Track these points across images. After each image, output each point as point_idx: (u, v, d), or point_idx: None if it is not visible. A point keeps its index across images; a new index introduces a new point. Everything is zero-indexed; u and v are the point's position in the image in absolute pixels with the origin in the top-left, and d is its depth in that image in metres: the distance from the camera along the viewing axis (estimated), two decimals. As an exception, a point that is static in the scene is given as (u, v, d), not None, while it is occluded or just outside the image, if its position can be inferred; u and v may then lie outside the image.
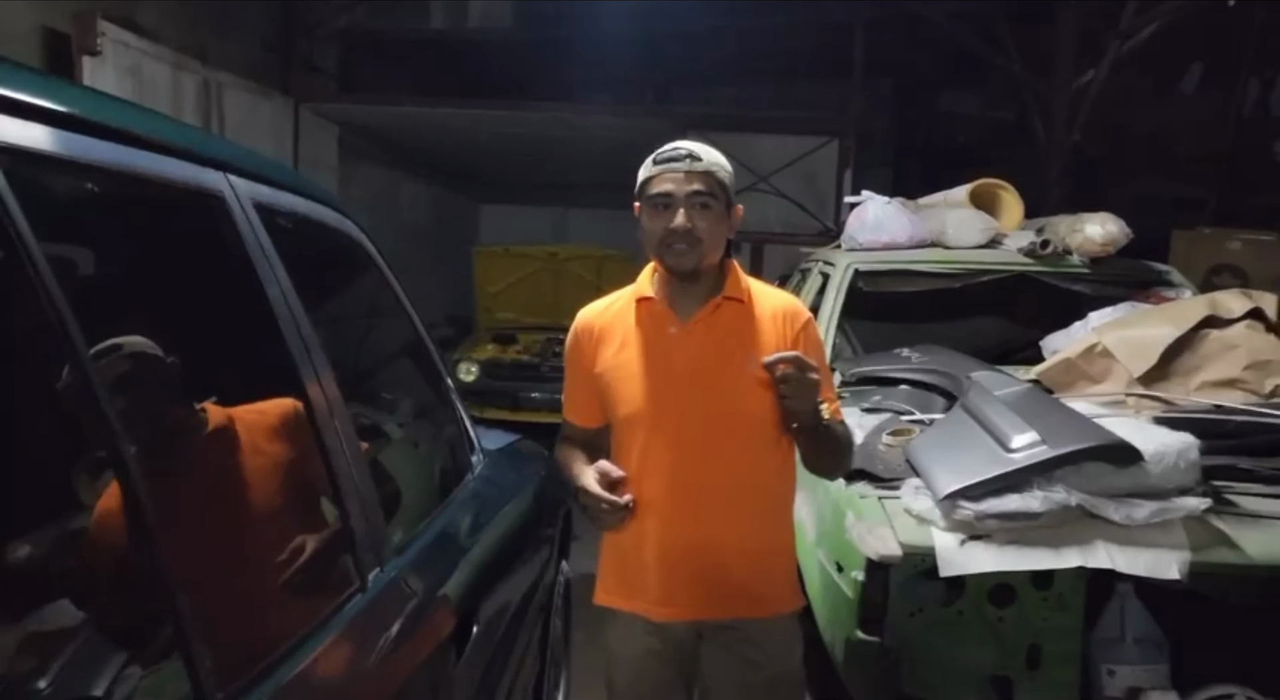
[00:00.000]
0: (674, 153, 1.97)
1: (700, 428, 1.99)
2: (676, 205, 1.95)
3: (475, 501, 2.29)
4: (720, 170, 1.98)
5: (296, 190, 1.78)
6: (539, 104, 8.69)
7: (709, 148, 2.02)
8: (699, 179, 1.95)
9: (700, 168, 1.95)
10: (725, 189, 1.99)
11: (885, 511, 2.56)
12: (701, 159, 1.96)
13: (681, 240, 1.95)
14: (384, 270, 2.13)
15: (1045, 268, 4.11)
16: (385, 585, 1.53)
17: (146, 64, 6.03)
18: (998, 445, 2.55)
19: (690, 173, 1.95)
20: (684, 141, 2.02)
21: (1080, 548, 2.39)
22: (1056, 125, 8.74)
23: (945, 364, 3.39)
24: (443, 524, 1.97)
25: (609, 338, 2.08)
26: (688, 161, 1.95)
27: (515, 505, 2.57)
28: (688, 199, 1.94)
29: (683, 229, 1.94)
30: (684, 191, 1.94)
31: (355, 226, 2.07)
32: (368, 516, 1.54)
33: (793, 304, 2.11)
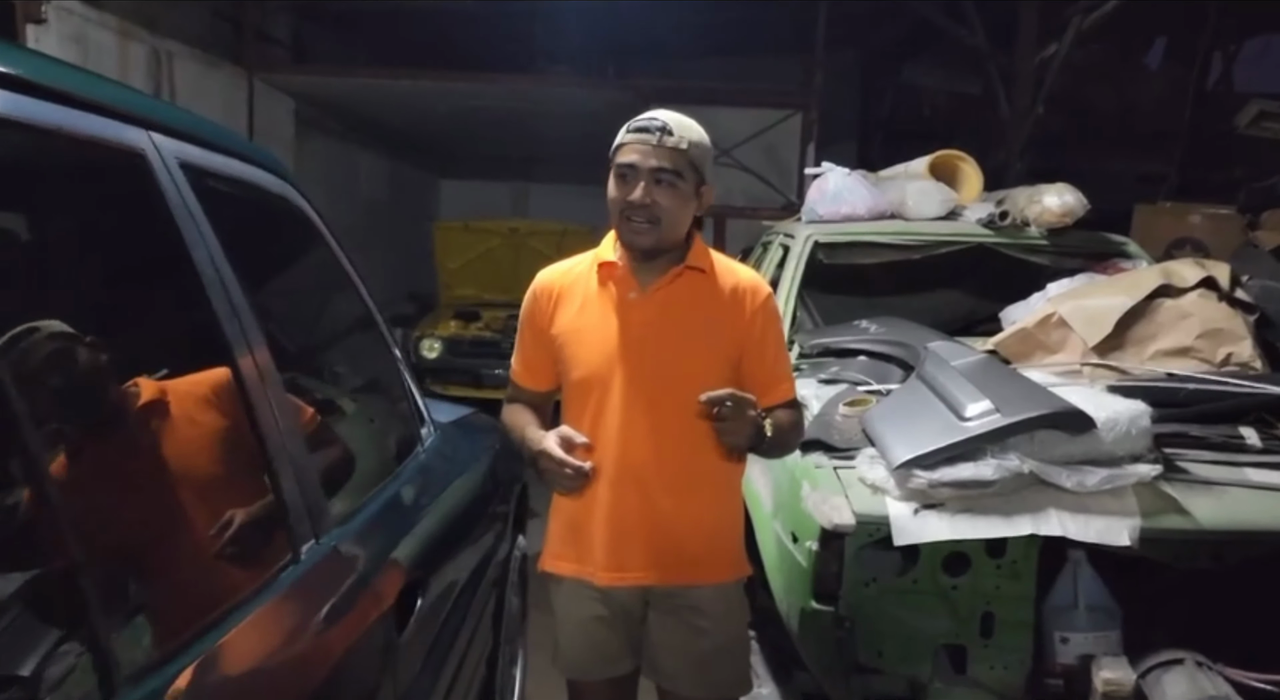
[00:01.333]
0: (647, 123, 1.93)
1: (653, 395, 1.98)
2: (638, 178, 1.92)
3: (423, 474, 2.25)
4: (693, 148, 1.94)
5: (234, 153, 1.71)
6: (498, 76, 8.58)
7: (689, 122, 1.97)
8: (666, 155, 1.91)
9: (670, 143, 1.91)
10: (696, 168, 1.95)
11: (840, 481, 2.55)
12: (673, 133, 1.92)
13: (639, 214, 1.92)
14: (329, 240, 2.07)
15: (1004, 239, 4.11)
16: (321, 557, 1.49)
17: (92, 32, 5.87)
18: (952, 414, 2.54)
19: (659, 147, 1.91)
20: (663, 112, 1.98)
21: (1033, 515, 2.39)
22: (1020, 98, 8.75)
23: (903, 335, 3.38)
24: (388, 496, 1.92)
25: (568, 299, 2.06)
26: (658, 135, 1.91)
27: (466, 478, 2.53)
28: (651, 173, 1.91)
29: (640, 203, 1.91)
30: (648, 165, 1.91)
31: (299, 194, 2.01)
32: (303, 488, 1.49)
33: (754, 279, 2.10)
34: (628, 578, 2.01)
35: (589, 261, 2.09)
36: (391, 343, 2.33)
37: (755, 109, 8.40)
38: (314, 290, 2.10)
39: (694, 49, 10.64)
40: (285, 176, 1.96)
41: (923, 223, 4.22)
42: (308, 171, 9.65)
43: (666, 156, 1.91)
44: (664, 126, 1.92)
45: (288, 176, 1.97)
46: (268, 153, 1.95)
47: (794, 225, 4.61)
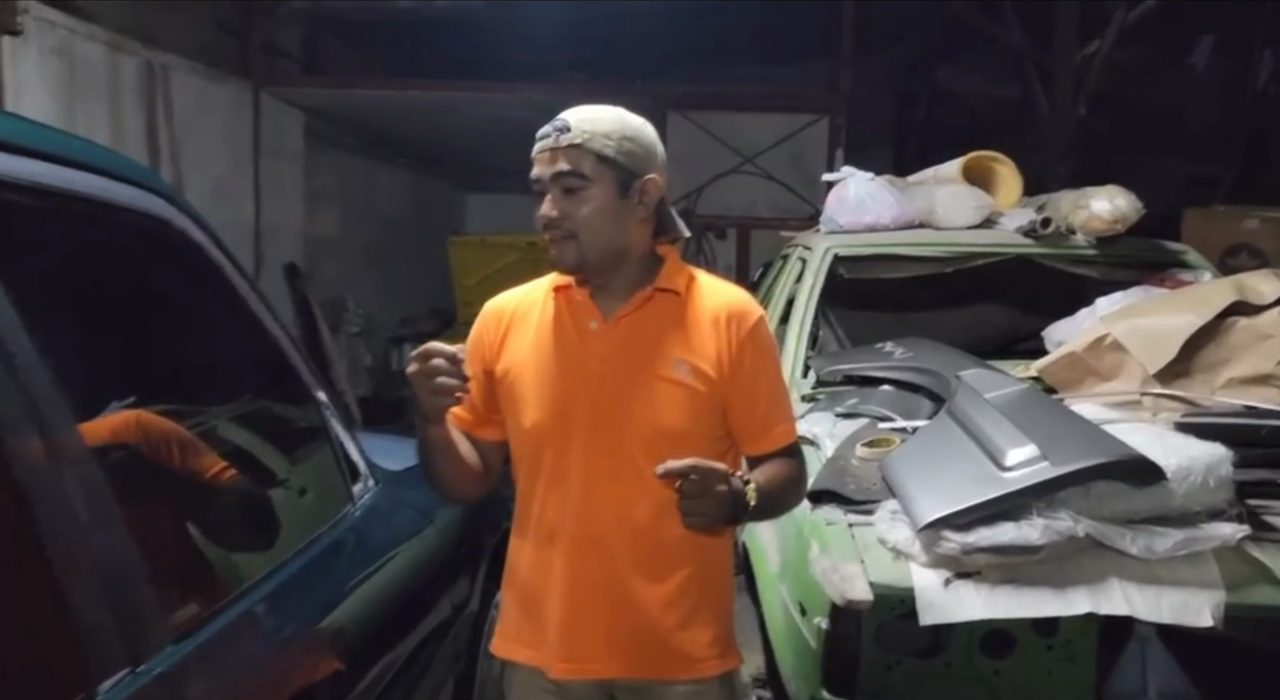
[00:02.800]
0: (547, 126, 1.61)
1: (618, 446, 1.64)
2: (546, 191, 1.60)
3: (344, 546, 1.87)
4: (600, 139, 1.59)
5: (67, 161, 1.35)
6: (511, 85, 8.24)
7: (603, 111, 1.64)
8: (564, 156, 1.58)
9: (567, 140, 1.58)
10: (611, 162, 1.60)
11: (855, 543, 2.13)
12: (570, 129, 1.58)
13: (552, 234, 1.61)
14: (220, 264, 1.70)
15: (1046, 249, 3.67)
16: (132, 697, 1.11)
17: (77, 44, 5.58)
18: (990, 461, 2.13)
19: (556, 149, 1.59)
20: (574, 109, 1.64)
21: (1091, 589, 1.96)
22: (1061, 98, 8.28)
23: (932, 360, 2.96)
24: (273, 586, 1.54)
25: (518, 330, 1.73)
26: (554, 136, 1.59)
27: (413, 545, 2.15)
28: (555, 182, 1.59)
29: (544, 218, 1.60)
30: (549, 173, 1.59)
31: (183, 214, 1.64)
32: (115, 596, 1.12)
33: (741, 301, 1.73)
34: (587, 670, 1.67)
35: (545, 286, 1.75)
36: (314, 384, 1.96)
37: (780, 114, 7.98)
38: (193, 329, 1.72)
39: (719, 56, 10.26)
40: (162, 192, 1.59)
41: (954, 232, 3.79)
42: (323, 187, 9.40)
43: (566, 157, 1.58)
44: (562, 125, 1.59)
45: (166, 192, 1.61)
46: (136, 165, 1.59)
47: (812, 237, 4.20)
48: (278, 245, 8.08)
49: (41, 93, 5.21)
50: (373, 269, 10.76)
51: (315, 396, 1.96)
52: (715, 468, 1.48)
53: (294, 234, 8.51)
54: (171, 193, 1.62)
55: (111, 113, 5.89)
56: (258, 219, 7.69)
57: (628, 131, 1.63)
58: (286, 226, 8.31)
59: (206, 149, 6.93)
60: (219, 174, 7.14)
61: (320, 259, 9.24)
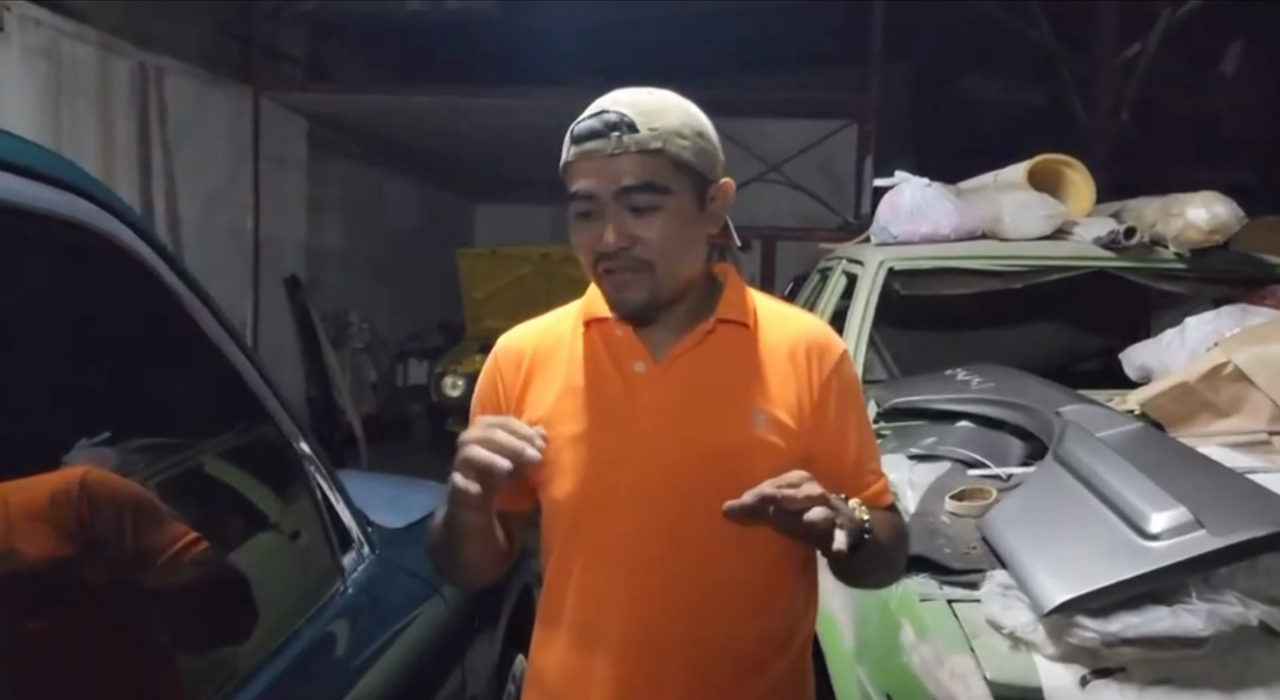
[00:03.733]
0: (595, 122, 1.20)
1: (673, 521, 1.26)
2: (604, 212, 1.21)
3: (333, 640, 1.48)
4: (674, 139, 1.20)
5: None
6: (522, 90, 7.88)
7: (656, 99, 1.24)
8: (635, 164, 1.19)
9: (636, 143, 1.18)
10: (688, 166, 1.22)
11: (961, 627, 1.74)
12: (639, 129, 1.19)
13: (619, 265, 1.22)
14: (170, 286, 1.32)
15: (1130, 263, 3.26)
16: None
17: (65, 45, 5.24)
18: (1126, 525, 1.73)
19: (620, 155, 1.19)
20: (621, 93, 1.24)
21: (1269, 693, 1.56)
22: (1101, 104, 7.89)
23: (1018, 391, 2.57)
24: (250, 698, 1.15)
25: (543, 375, 1.35)
26: (615, 137, 1.18)
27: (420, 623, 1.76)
28: (619, 200, 1.20)
29: (614, 250, 1.20)
30: (612, 189, 1.20)
31: (120, 221, 1.26)
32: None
33: (820, 333, 1.36)
34: None
35: (573, 317, 1.36)
36: (293, 431, 1.57)
37: (806, 120, 7.61)
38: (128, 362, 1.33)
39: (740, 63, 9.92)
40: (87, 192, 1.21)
41: (1024, 244, 3.39)
42: (327, 197, 9.06)
43: (637, 167, 1.19)
44: (621, 119, 1.19)
45: (105, 199, 1.23)
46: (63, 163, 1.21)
47: (861, 249, 3.80)
48: (279, 257, 7.74)
49: (24, 94, 4.87)
50: (379, 282, 10.43)
51: (295, 446, 1.57)
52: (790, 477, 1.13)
53: (296, 245, 8.17)
54: (102, 194, 1.24)
55: (101, 117, 5.55)
56: (257, 229, 7.35)
57: (697, 124, 1.25)
58: (288, 237, 7.97)
59: (203, 156, 6.59)
60: (216, 182, 6.80)
61: (324, 271, 8.90)
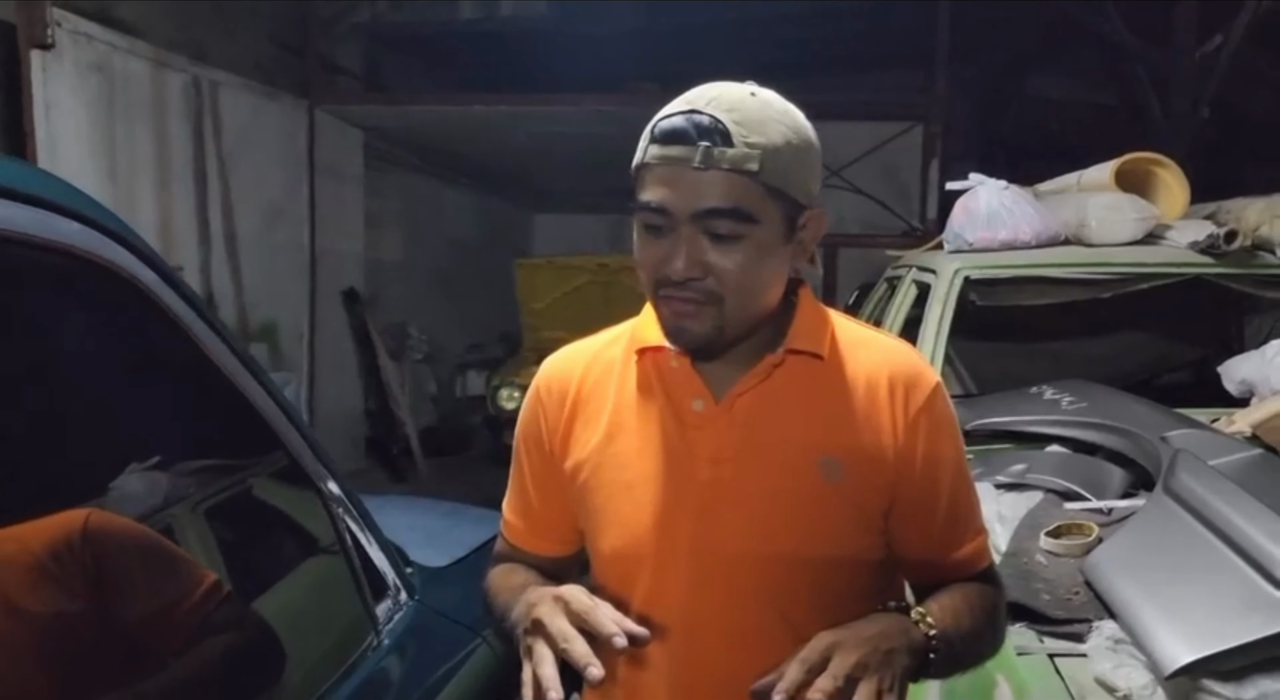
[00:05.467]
0: (684, 123, 1.02)
1: (737, 578, 1.11)
2: (676, 233, 1.03)
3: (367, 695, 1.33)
4: (772, 158, 1.02)
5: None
6: (577, 97, 7.76)
7: (764, 103, 1.06)
8: (724, 185, 1.01)
9: (730, 160, 1.00)
10: (782, 193, 1.04)
11: (1065, 685, 1.53)
12: (734, 142, 1.00)
13: (684, 295, 1.04)
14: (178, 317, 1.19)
15: (1230, 269, 3.01)
16: None
17: (118, 59, 5.23)
18: (1257, 573, 1.51)
19: (708, 169, 1.01)
20: (721, 89, 1.06)
21: None
22: (1179, 101, 7.54)
23: (1114, 413, 2.35)
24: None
25: (591, 409, 1.19)
26: (704, 148, 1.00)
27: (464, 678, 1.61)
28: (697, 222, 1.02)
29: (682, 278, 1.03)
30: (690, 209, 1.02)
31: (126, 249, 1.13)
32: None
33: (906, 362, 1.17)
34: None
35: (625, 342, 1.19)
36: (319, 471, 1.43)
37: (869, 122, 7.38)
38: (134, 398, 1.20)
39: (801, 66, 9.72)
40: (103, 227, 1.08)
41: (1112, 249, 3.15)
42: (387, 210, 9.04)
43: (725, 188, 1.02)
44: (715, 126, 1.01)
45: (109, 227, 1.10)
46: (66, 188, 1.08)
47: (933, 257, 3.59)
48: (337, 269, 7.71)
49: (76, 110, 4.85)
50: (437, 293, 10.40)
51: (321, 487, 1.43)
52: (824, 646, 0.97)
53: (354, 258, 8.14)
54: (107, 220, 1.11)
55: (155, 132, 5.53)
56: (313, 242, 7.32)
57: (801, 140, 1.07)
58: (346, 250, 7.95)
59: (259, 170, 6.57)
60: (273, 196, 6.78)
61: (382, 283, 8.88)
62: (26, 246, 1.00)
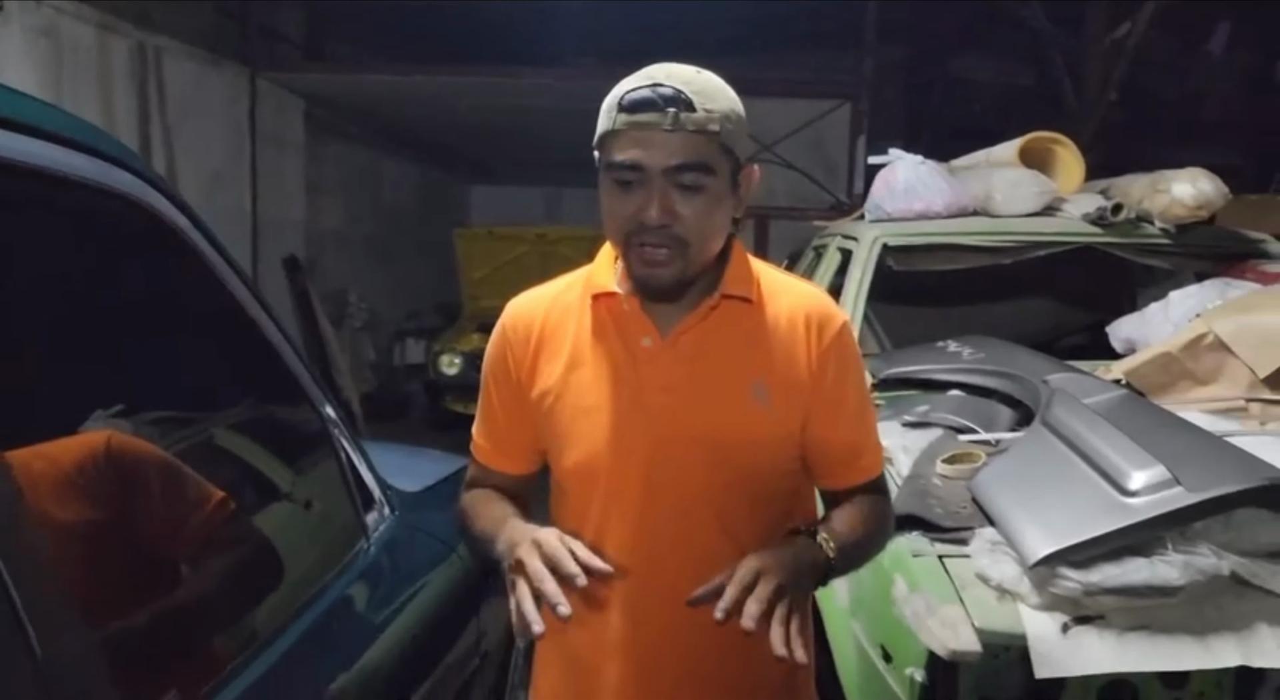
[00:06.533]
0: (650, 94, 1.23)
1: (682, 488, 1.33)
2: (650, 185, 1.24)
3: (358, 596, 1.57)
4: (723, 122, 1.25)
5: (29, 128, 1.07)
6: (517, 70, 7.90)
7: (708, 79, 1.28)
8: (690, 144, 1.23)
9: (694, 122, 1.23)
10: (730, 151, 1.27)
11: (951, 580, 1.83)
12: (695, 108, 1.23)
13: (657, 240, 1.25)
14: (207, 257, 1.40)
15: (1116, 238, 3.36)
16: None
17: (65, 25, 5.28)
18: (1107, 484, 1.82)
19: (676, 132, 1.22)
20: (670, 69, 1.27)
21: (1239, 638, 1.66)
22: (1089, 85, 7.96)
23: (1007, 361, 2.66)
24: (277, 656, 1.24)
25: (551, 347, 1.40)
26: (672, 114, 1.22)
27: (438, 581, 1.85)
28: (667, 176, 1.23)
29: (656, 224, 1.23)
30: (662, 165, 1.23)
31: (160, 194, 1.34)
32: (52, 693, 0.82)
33: (820, 303, 1.41)
34: None
35: (579, 289, 1.41)
36: (319, 396, 1.66)
37: (799, 100, 7.67)
38: (170, 329, 1.42)
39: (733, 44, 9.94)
40: (132, 166, 1.29)
41: (1014, 220, 3.48)
42: (325, 178, 9.09)
43: (690, 146, 1.23)
44: (677, 94, 1.23)
45: (136, 166, 1.31)
46: (105, 137, 1.28)
47: (856, 226, 3.89)
48: (277, 237, 7.78)
49: (26, 74, 4.91)
50: (376, 262, 10.48)
51: (320, 411, 1.66)
52: (752, 571, 1.18)
53: (294, 225, 8.21)
54: (142, 168, 1.32)
55: (101, 97, 5.59)
56: (255, 210, 7.39)
57: (739, 108, 1.29)
58: (286, 217, 8.02)
59: (202, 136, 6.63)
60: (215, 163, 6.85)
61: (322, 251, 8.95)
62: (92, 190, 1.21)
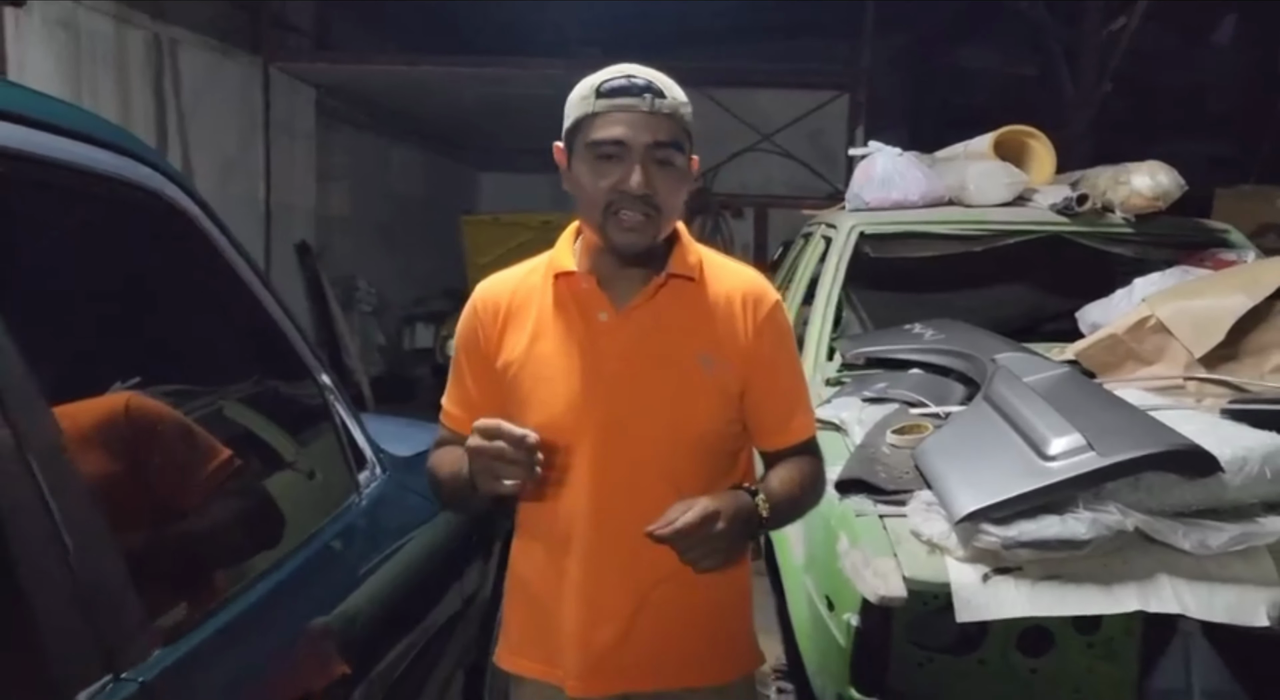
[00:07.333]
0: (626, 83, 1.44)
1: (635, 448, 1.51)
2: (631, 159, 1.43)
3: (349, 539, 1.77)
4: (686, 111, 1.48)
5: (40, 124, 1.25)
6: (522, 60, 8.08)
7: (667, 78, 1.49)
8: (664, 125, 1.44)
9: (666, 107, 1.44)
10: (688, 135, 1.48)
11: (888, 535, 2.02)
12: (666, 96, 1.44)
13: (636, 207, 1.43)
14: (212, 236, 1.60)
15: (1082, 227, 3.53)
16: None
17: (83, 16, 5.48)
18: (1031, 450, 2.01)
19: (653, 114, 1.43)
20: (635, 67, 1.48)
21: (1140, 586, 1.85)
22: (1085, 76, 8.09)
23: (964, 342, 2.84)
24: (273, 584, 1.44)
25: (518, 321, 1.58)
26: (649, 98, 1.42)
27: (424, 534, 2.05)
28: (647, 151, 1.43)
29: (639, 192, 1.42)
30: (643, 141, 1.43)
31: (177, 187, 1.54)
32: (85, 601, 1.02)
33: (756, 284, 1.60)
34: (606, 685, 1.55)
35: (543, 271, 1.60)
36: (316, 366, 1.86)
37: (799, 91, 7.83)
38: (184, 307, 1.62)
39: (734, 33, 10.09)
40: (149, 160, 1.48)
41: (986, 209, 3.66)
42: (335, 166, 9.29)
43: (664, 126, 1.44)
44: (650, 85, 1.44)
45: (153, 160, 1.50)
46: (119, 130, 1.47)
47: (837, 215, 4.07)
48: (289, 223, 7.99)
49: (46, 66, 5.12)
50: (385, 248, 10.68)
51: (318, 379, 1.86)
52: (703, 515, 1.37)
53: (306, 212, 8.42)
54: (158, 160, 1.51)
55: (119, 87, 5.79)
56: (268, 197, 7.60)
57: (689, 103, 1.51)
58: (298, 204, 8.22)
59: (216, 125, 6.83)
60: (229, 151, 7.05)
61: (332, 237, 9.16)
62: (117, 183, 1.40)
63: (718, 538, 1.37)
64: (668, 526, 1.36)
